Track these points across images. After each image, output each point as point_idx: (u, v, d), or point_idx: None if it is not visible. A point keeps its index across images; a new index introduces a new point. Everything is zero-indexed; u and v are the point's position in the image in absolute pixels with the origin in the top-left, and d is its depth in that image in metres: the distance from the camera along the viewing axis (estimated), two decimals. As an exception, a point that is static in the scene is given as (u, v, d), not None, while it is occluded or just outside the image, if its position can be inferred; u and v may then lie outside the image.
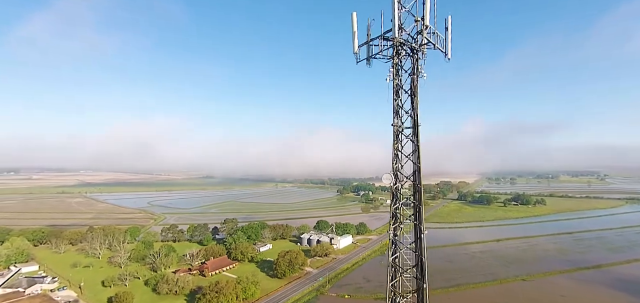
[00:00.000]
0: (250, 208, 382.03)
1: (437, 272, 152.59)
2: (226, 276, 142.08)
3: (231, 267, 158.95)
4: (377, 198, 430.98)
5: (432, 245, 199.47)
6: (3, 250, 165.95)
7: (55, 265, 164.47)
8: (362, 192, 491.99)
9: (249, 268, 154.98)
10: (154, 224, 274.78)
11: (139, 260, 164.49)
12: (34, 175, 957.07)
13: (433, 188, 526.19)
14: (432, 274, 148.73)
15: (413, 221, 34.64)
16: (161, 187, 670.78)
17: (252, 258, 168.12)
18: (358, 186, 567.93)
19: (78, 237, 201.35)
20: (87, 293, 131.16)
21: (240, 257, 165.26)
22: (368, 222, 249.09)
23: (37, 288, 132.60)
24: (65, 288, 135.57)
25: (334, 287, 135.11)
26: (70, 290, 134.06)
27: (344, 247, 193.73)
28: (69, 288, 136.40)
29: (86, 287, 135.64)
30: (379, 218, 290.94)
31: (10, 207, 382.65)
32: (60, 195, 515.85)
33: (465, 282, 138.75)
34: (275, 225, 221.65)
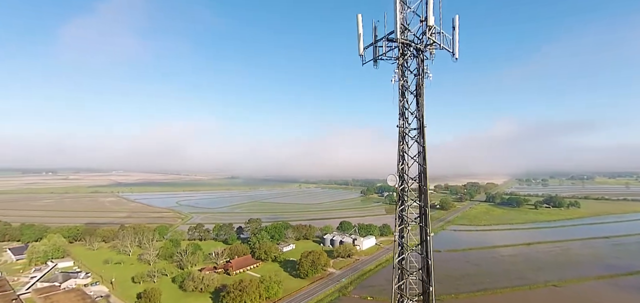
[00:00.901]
0: (274, 208, 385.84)
1: (463, 276, 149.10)
2: (250, 275, 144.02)
3: (255, 266, 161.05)
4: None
5: (458, 248, 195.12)
6: (41, 247, 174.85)
7: (89, 261, 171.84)
8: (386, 193, 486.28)
9: (272, 268, 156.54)
10: (181, 223, 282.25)
11: (167, 257, 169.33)
12: (70, 176, 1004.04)
13: (460, 189, 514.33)
14: (457, 278, 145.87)
15: (419, 223, 34.13)
16: (188, 187, 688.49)
17: (276, 258, 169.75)
18: (382, 187, 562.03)
19: (110, 234, 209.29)
20: (118, 288, 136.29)
21: (264, 257, 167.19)
22: (392, 223, 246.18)
23: (71, 282, 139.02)
24: (98, 284, 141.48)
25: (357, 289, 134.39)
26: (103, 286, 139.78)
27: (367, 248, 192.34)
28: (101, 283, 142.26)
29: (117, 283, 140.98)
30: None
31: (48, 206, 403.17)
32: (94, 195, 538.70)
33: (492, 287, 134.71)
34: (298, 226, 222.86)
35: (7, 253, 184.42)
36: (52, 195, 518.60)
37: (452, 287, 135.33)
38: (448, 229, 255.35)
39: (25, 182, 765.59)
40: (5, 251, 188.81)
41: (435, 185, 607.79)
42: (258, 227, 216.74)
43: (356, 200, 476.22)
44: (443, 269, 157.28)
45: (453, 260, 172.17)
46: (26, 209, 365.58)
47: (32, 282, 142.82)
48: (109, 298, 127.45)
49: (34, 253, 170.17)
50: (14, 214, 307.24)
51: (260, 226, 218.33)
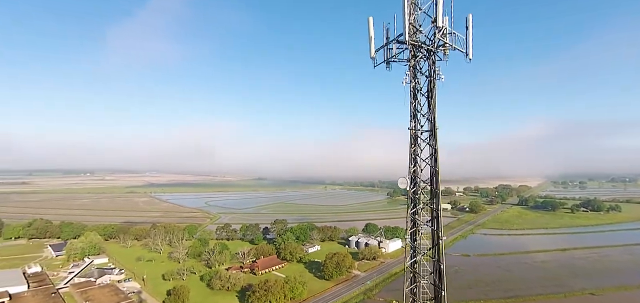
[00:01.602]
0: (300, 209, 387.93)
1: (494, 281, 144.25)
2: (275, 275, 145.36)
3: (280, 266, 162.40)
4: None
5: (488, 253, 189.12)
6: (79, 244, 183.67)
7: (123, 259, 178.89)
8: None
9: (297, 269, 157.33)
10: (210, 223, 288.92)
11: (196, 256, 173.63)
12: (106, 176, 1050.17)
13: (490, 192, 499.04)
14: (487, 284, 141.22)
15: (431, 227, 33.37)
16: (217, 188, 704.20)
17: (301, 259, 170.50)
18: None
19: (142, 233, 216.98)
20: (149, 285, 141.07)
21: (289, 257, 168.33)
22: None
23: (106, 278, 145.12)
24: (130, 280, 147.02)
25: (382, 292, 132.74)
26: (135, 282, 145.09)
27: (393, 251, 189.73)
28: (134, 280, 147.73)
29: (148, 280, 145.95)
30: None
31: (86, 205, 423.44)
32: (128, 195, 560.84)
33: (524, 294, 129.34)
34: (323, 227, 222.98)
35: (47, 250, 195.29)
36: (89, 195, 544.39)
37: (482, 292, 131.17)
38: (478, 233, 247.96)
39: (66, 183, 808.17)
40: (46, 247, 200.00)
41: (465, 187, 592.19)
42: (283, 227, 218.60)
43: (382, 202, 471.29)
44: (472, 274, 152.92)
45: (483, 265, 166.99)
46: (66, 208, 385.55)
47: (69, 277, 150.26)
48: (141, 294, 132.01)
49: (72, 250, 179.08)
50: (55, 213, 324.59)
51: (286, 227, 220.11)
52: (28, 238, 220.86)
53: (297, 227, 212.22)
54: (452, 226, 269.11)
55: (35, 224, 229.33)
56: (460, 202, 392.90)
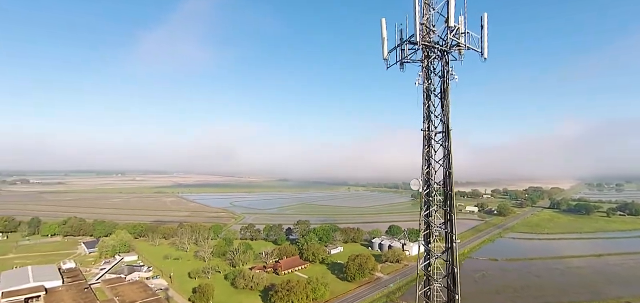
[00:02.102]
0: (323, 211, 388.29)
1: (523, 287, 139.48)
2: (298, 275, 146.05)
3: (303, 267, 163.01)
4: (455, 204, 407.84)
5: (517, 257, 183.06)
6: (110, 241, 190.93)
7: (151, 256, 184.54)
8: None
9: (319, 270, 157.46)
10: (234, 223, 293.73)
11: (220, 255, 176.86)
12: (137, 177, 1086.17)
13: (520, 194, 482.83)
14: (516, 290, 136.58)
15: (444, 229, 32.56)
16: (242, 189, 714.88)
17: (323, 260, 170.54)
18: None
19: (170, 232, 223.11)
20: (176, 282, 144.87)
21: (312, 258, 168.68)
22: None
23: (135, 275, 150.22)
24: (158, 277, 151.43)
25: (405, 295, 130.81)
26: (162, 279, 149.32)
27: (417, 254, 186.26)
28: (161, 277, 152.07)
29: (175, 277, 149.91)
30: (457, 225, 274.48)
31: (117, 204, 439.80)
32: (157, 195, 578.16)
33: (555, 300, 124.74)
34: (346, 229, 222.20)
35: (81, 247, 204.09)
36: (120, 195, 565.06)
37: (510, 298, 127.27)
38: (506, 236, 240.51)
39: (99, 183, 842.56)
40: (80, 244, 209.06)
41: (493, 189, 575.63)
42: (306, 228, 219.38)
43: (407, 203, 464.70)
44: (500, 279, 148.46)
45: (512, 270, 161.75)
46: (98, 207, 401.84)
47: (101, 273, 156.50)
48: (168, 291, 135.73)
49: (104, 247, 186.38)
50: (88, 211, 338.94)
51: (309, 228, 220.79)
52: (63, 235, 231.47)
53: (319, 228, 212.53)
54: (479, 229, 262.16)
55: (70, 222, 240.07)
56: (487, 205, 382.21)
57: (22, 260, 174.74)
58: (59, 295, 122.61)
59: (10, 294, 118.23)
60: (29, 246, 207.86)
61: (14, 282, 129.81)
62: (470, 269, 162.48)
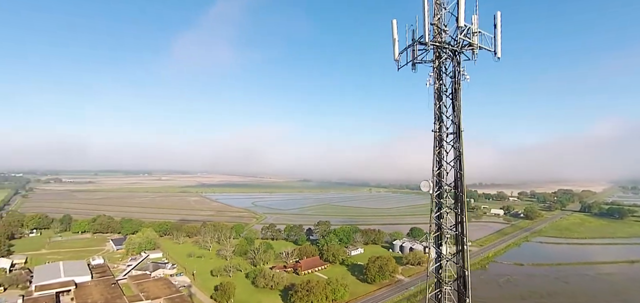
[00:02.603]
0: (344, 212, 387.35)
1: (550, 294, 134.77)
2: (317, 276, 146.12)
3: (323, 267, 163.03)
4: (479, 206, 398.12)
5: (544, 262, 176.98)
6: (137, 239, 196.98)
7: (175, 254, 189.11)
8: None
9: (339, 271, 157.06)
10: (255, 223, 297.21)
11: (242, 254, 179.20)
12: (162, 177, 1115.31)
13: (548, 197, 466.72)
14: (543, 296, 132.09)
15: (455, 232, 32.01)
16: (264, 189, 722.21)
17: (343, 261, 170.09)
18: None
19: (194, 230, 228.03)
20: (199, 280, 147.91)
21: (332, 259, 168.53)
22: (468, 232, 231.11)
23: (160, 272, 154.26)
24: (182, 275, 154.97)
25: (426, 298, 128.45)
26: (186, 277, 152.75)
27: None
28: (185, 274, 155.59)
29: (198, 275, 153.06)
30: (480, 228, 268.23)
31: (144, 203, 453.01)
32: (182, 194, 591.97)
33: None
34: (367, 230, 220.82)
35: (109, 244, 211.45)
36: (147, 194, 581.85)
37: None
38: (533, 241, 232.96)
39: (126, 182, 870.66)
40: (108, 241, 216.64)
41: (520, 192, 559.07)
42: (327, 229, 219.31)
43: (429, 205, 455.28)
44: (526, 284, 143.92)
45: (539, 276, 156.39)
46: (126, 206, 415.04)
47: (128, 269, 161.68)
48: (191, 288, 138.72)
49: (131, 244, 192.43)
50: (116, 210, 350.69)
51: (329, 229, 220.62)
52: (93, 232, 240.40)
53: (340, 229, 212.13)
54: (505, 232, 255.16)
55: (99, 220, 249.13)
56: (513, 207, 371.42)
57: (54, 255, 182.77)
58: (88, 290, 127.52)
59: (42, 288, 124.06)
60: (60, 242, 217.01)
61: (46, 276, 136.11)
62: (495, 274, 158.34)
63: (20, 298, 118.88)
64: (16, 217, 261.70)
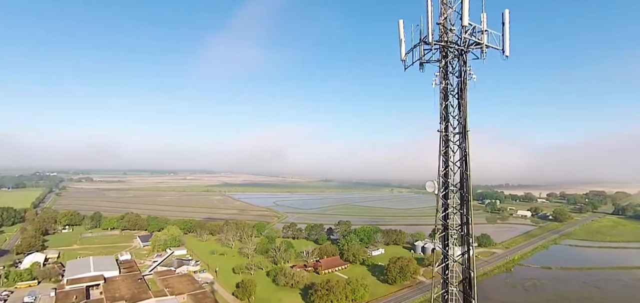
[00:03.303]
0: (365, 212, 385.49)
1: (579, 299, 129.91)
2: (337, 275, 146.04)
3: (343, 267, 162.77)
4: (506, 208, 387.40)
5: (574, 266, 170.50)
6: (162, 236, 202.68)
7: (198, 251, 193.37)
8: (488, 201, 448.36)
9: (359, 271, 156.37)
10: (277, 222, 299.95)
11: (263, 252, 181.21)
12: (188, 176, 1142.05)
13: (579, 198, 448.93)
14: (571, 301, 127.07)
15: (460, 232, 31.63)
16: (286, 189, 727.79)
17: (364, 261, 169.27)
18: (483, 194, 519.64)
19: (216, 228, 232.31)
20: (221, 277, 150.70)
21: (352, 259, 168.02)
22: (493, 234, 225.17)
23: (184, 268, 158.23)
24: (205, 271, 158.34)
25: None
26: (208, 273, 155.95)
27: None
28: (208, 271, 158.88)
29: (220, 272, 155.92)
30: (506, 231, 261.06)
31: (169, 202, 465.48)
32: (206, 193, 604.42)
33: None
34: (388, 230, 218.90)
35: (136, 240, 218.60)
36: (172, 193, 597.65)
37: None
38: (562, 243, 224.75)
39: (153, 181, 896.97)
40: (135, 238, 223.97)
41: (548, 193, 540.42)
42: (347, 229, 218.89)
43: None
44: (553, 289, 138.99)
45: (567, 280, 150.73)
46: (152, 204, 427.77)
47: (153, 265, 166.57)
48: (213, 285, 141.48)
49: (157, 241, 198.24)
50: (143, 208, 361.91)
51: (350, 228, 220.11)
52: (121, 229, 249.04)
53: (361, 229, 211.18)
54: (532, 234, 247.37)
55: (127, 217, 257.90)
56: (542, 209, 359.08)
57: (84, 251, 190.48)
58: (116, 284, 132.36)
59: (74, 282, 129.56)
60: (91, 238, 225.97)
61: (77, 270, 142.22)
62: (521, 277, 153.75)
63: (53, 291, 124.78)
64: (50, 214, 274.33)
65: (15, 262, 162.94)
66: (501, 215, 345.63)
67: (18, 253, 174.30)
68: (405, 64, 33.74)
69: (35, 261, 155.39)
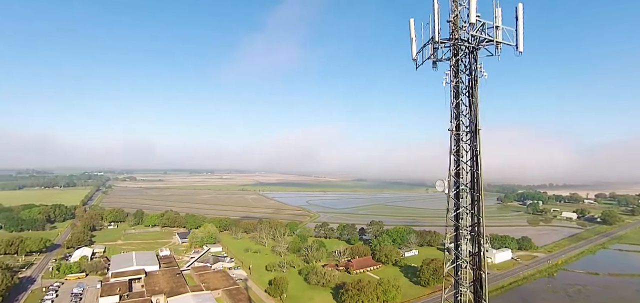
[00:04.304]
0: (398, 212, 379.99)
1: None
2: (369, 276, 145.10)
3: (375, 267, 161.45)
4: (549, 209, 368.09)
5: (624, 273, 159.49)
6: (199, 233, 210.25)
7: (233, 248, 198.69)
8: (529, 202, 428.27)
9: (392, 272, 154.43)
10: (309, 221, 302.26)
11: (295, 251, 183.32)
12: (224, 176, 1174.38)
13: (632, 200, 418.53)
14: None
15: (471, 233, 30.66)
16: (318, 188, 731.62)
17: (396, 262, 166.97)
18: (524, 194, 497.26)
19: (251, 227, 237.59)
20: (254, 274, 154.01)
21: (384, 259, 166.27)
22: (534, 237, 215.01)
23: (219, 265, 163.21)
24: (239, 268, 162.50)
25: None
26: (242, 270, 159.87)
27: (499, 262, 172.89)
28: (241, 268, 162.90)
29: (254, 269, 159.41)
30: (549, 233, 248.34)
31: (206, 200, 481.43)
32: (241, 192, 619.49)
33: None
34: (422, 231, 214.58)
35: (175, 237, 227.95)
36: (209, 192, 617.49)
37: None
38: (611, 248, 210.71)
39: (191, 180, 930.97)
40: (175, 235, 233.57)
41: (597, 193, 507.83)
42: (380, 229, 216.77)
43: (491, 207, 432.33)
44: (600, 296, 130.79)
45: (616, 287, 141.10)
46: (190, 202, 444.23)
47: (191, 261, 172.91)
48: (247, 282, 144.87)
49: (194, 238, 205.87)
50: (182, 206, 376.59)
51: (382, 229, 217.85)
52: (161, 226, 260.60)
53: (393, 229, 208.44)
54: (578, 237, 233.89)
55: (167, 215, 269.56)
56: (589, 211, 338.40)
57: (128, 246, 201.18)
58: (156, 278, 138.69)
59: (118, 275, 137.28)
60: (133, 234, 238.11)
61: (121, 264, 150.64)
62: (564, 282, 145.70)
63: (99, 283, 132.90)
64: (97, 211, 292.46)
65: (66, 255, 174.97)
66: (544, 216, 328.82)
67: (68, 248, 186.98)
68: (416, 63, 33.60)
69: (84, 255, 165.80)
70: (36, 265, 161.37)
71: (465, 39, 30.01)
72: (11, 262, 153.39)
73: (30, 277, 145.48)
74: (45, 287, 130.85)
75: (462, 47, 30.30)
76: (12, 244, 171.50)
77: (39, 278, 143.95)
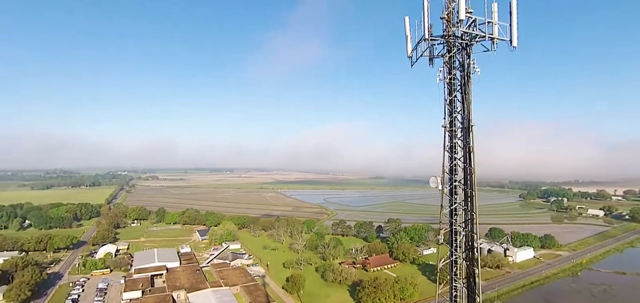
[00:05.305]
0: (416, 210, 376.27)
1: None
2: (386, 274, 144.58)
3: (392, 265, 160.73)
4: (574, 206, 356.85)
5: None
6: (219, 231, 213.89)
7: (251, 246, 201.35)
8: (553, 199, 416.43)
9: (409, 270, 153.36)
10: (326, 218, 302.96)
11: (313, 248, 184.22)
12: (243, 174, 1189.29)
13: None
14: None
15: (464, 229, 30.70)
16: (336, 186, 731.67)
17: (414, 260, 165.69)
18: (548, 191, 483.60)
19: (269, 224, 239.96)
20: (272, 271, 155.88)
21: (402, 257, 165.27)
22: (558, 235, 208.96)
23: (237, 262, 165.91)
24: (257, 265, 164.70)
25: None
26: (260, 267, 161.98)
27: (521, 261, 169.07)
28: (259, 265, 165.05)
29: (271, 266, 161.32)
30: (574, 231, 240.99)
31: (226, 198, 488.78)
32: (259, 191, 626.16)
33: None
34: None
35: (195, 234, 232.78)
36: (229, 190, 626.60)
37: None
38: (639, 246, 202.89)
39: (211, 179, 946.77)
40: (195, 232, 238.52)
41: (626, 190, 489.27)
42: (397, 227, 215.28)
43: (513, 205, 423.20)
44: (627, 297, 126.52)
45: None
46: (210, 200, 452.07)
47: (210, 258, 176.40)
48: (265, 278, 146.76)
49: (213, 236, 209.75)
50: (202, 204, 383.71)
51: (400, 227, 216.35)
52: (182, 223, 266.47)
53: (411, 227, 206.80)
54: (605, 235, 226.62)
55: (187, 213, 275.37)
56: (617, 208, 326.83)
57: (150, 243, 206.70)
58: (176, 274, 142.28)
59: (140, 271, 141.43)
60: (155, 232, 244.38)
61: (143, 261, 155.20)
62: (589, 282, 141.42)
63: (123, 278, 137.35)
64: (121, 209, 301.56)
65: (92, 252, 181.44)
66: (568, 214, 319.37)
67: (94, 245, 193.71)
68: (411, 61, 33.73)
69: (108, 252, 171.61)
70: (64, 262, 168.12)
71: (458, 35, 30.14)
72: (40, 258, 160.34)
73: (58, 272, 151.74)
74: (72, 282, 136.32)
75: (455, 44, 30.43)
76: (41, 241, 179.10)
77: (66, 273, 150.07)
